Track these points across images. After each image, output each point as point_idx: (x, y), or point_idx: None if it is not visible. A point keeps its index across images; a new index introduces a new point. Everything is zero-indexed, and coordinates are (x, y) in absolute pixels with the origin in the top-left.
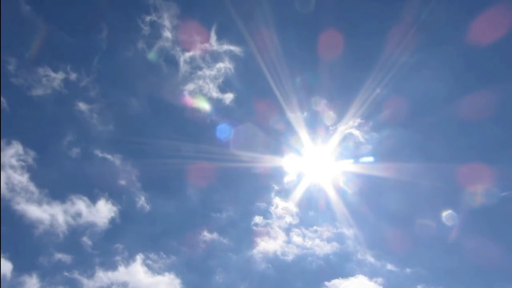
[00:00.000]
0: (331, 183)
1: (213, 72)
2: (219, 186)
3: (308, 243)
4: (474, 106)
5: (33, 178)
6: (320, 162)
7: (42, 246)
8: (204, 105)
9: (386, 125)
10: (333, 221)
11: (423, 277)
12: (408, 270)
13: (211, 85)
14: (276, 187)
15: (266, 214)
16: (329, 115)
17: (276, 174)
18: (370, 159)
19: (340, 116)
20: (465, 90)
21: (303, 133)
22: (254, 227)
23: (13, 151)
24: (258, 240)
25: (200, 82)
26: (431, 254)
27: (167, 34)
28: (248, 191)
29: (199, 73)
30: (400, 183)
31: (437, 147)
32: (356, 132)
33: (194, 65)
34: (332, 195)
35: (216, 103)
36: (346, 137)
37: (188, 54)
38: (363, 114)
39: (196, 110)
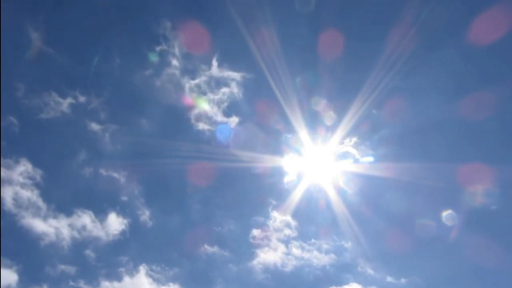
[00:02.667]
0: (331, 183)
1: (218, 96)
2: (220, 200)
3: (306, 255)
4: (474, 106)
5: (41, 194)
6: (320, 162)
7: (48, 259)
8: (203, 105)
9: (386, 124)
10: (330, 233)
11: (419, 286)
12: (403, 280)
13: (215, 109)
14: (274, 202)
15: (264, 227)
16: (329, 115)
17: (276, 174)
18: (370, 159)
19: (340, 116)
20: (465, 90)
21: (303, 133)
22: (253, 240)
23: (23, 169)
24: (257, 252)
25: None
26: (428, 261)
27: (175, 62)
28: (248, 204)
29: (204, 98)
30: (400, 183)
31: (437, 147)
32: (356, 133)
33: (199, 92)
34: (332, 196)
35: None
36: (346, 138)
37: (193, 82)
38: (362, 114)
39: (201, 132)
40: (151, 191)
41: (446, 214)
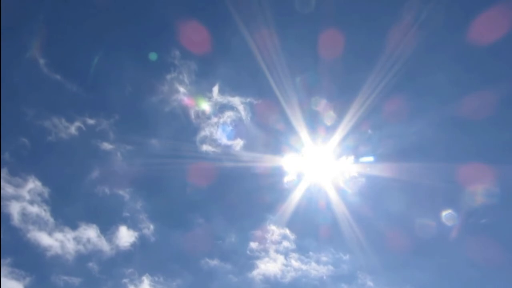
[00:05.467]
0: (331, 183)
1: (223, 119)
2: (220, 210)
3: (304, 267)
4: (474, 106)
5: (48, 210)
6: (320, 162)
7: (54, 270)
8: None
9: (386, 124)
10: (330, 237)
11: None
12: None
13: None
14: (271, 216)
15: (263, 240)
16: (329, 115)
17: (276, 174)
18: (370, 159)
19: (340, 116)
20: (465, 90)
21: (303, 133)
22: (252, 253)
23: (32, 186)
24: (256, 264)
25: (210, 128)
26: (427, 268)
27: (183, 89)
28: (248, 214)
29: (208, 121)
30: (400, 183)
31: (437, 147)
32: (356, 133)
33: (204, 118)
34: (332, 196)
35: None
36: (346, 138)
37: (197, 109)
38: (362, 114)
39: (204, 153)
40: (154, 206)
41: (446, 214)
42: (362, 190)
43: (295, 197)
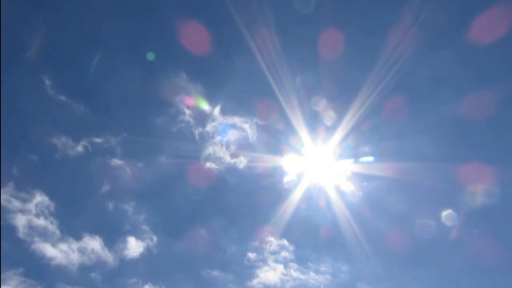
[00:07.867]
0: (331, 183)
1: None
2: (221, 224)
3: (303, 277)
4: (474, 106)
5: (54, 223)
6: (320, 162)
7: (58, 280)
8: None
9: (386, 124)
10: (327, 256)
11: None
12: None
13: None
14: (271, 225)
15: (260, 251)
16: (329, 115)
17: (276, 174)
18: (370, 159)
19: (340, 116)
20: (465, 90)
21: (303, 133)
22: (251, 263)
23: (39, 200)
24: (256, 274)
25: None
26: (426, 272)
27: (189, 110)
28: (247, 228)
29: (212, 140)
30: (400, 183)
31: (437, 147)
32: (356, 133)
33: (207, 137)
34: (332, 196)
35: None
36: (346, 138)
37: (201, 129)
38: (362, 114)
39: (208, 169)
40: (157, 218)
41: (446, 214)
42: (361, 191)
43: (295, 201)
